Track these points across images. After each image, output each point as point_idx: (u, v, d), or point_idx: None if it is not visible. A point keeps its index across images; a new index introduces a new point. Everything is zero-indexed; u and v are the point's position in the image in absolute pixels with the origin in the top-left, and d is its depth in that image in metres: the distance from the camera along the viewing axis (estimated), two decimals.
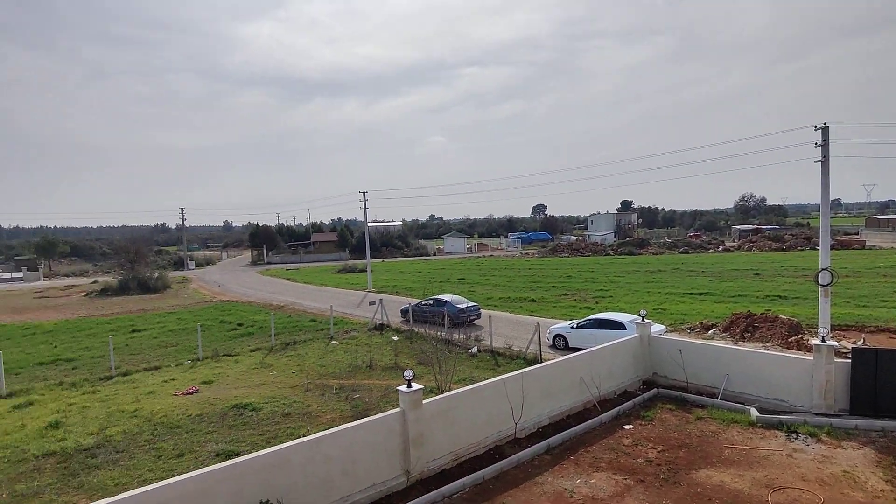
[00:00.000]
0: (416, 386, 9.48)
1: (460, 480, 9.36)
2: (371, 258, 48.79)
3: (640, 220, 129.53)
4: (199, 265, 76.96)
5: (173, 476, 8.08)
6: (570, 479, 9.62)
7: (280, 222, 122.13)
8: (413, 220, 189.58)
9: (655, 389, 14.12)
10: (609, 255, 68.97)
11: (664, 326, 19.89)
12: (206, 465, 9.83)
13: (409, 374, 9.60)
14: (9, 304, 41.14)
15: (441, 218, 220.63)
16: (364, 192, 45.13)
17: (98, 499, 9.03)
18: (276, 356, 20.58)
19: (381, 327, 25.34)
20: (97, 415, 14.11)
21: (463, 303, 26.42)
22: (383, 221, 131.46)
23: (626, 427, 11.93)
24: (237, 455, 10.72)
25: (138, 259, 51.48)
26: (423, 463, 9.53)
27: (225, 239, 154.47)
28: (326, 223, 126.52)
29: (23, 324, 31.29)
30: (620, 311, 23.60)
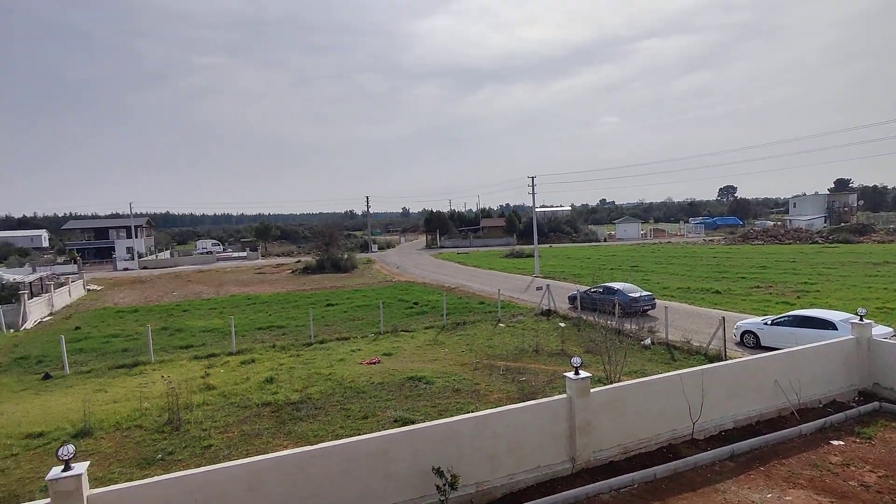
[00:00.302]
0: (583, 373, 9.29)
1: (629, 475, 8.97)
2: (538, 243, 48.61)
3: (861, 203, 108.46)
4: (380, 248, 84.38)
5: (360, 435, 9.09)
6: (759, 491, 8.60)
7: (452, 208, 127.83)
8: (582, 204, 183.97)
9: (876, 403, 11.86)
10: (817, 242, 59.24)
11: (892, 329, 16.55)
12: (387, 429, 10.86)
13: (576, 361, 9.43)
14: (237, 278, 49.70)
15: (612, 202, 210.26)
16: (532, 178, 45.02)
17: (302, 445, 10.54)
18: (448, 335, 21.74)
19: (547, 313, 25.21)
20: (300, 375, 16.40)
21: (636, 291, 25.01)
22: (551, 206, 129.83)
23: (835, 443, 10.25)
24: (413, 423, 11.61)
25: (332, 242, 58.29)
26: (588, 452, 9.34)
27: (403, 224, 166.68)
28: (495, 209, 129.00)
29: (246, 295, 37.59)
30: (829, 308, 20.22)
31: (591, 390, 9.42)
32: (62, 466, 6.25)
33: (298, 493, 7.37)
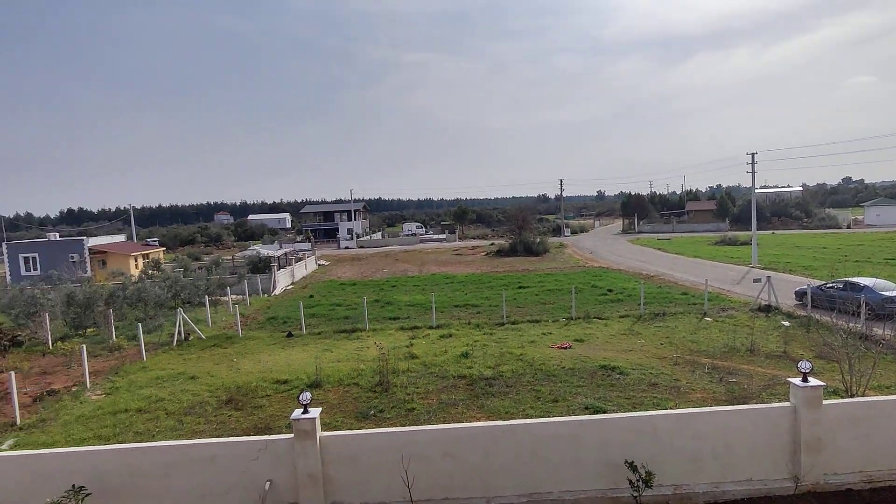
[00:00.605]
0: (814, 381, 7.93)
1: None
2: (757, 229, 42.60)
3: None
4: (573, 232, 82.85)
5: (549, 417, 9.15)
6: None
7: (652, 191, 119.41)
8: (818, 184, 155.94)
9: None
10: None
11: None
12: (577, 415, 10.74)
13: (805, 365, 8.10)
14: (436, 259, 53.50)
15: (861, 181, 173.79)
16: (752, 154, 39.49)
17: (494, 419, 11.01)
18: (645, 325, 20.49)
19: (766, 309, 22.08)
20: (493, 353, 17.05)
21: (891, 289, 20.46)
22: (775, 187, 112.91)
23: None
24: (604, 412, 11.28)
25: (524, 226, 59.07)
26: (817, 473, 7.99)
27: (597, 208, 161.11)
28: (703, 191, 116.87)
29: (445, 274, 40.26)
30: None
31: (824, 402, 8.02)
32: (302, 409, 7.52)
33: (490, 464, 7.72)
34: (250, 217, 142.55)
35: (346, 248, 75.76)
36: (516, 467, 7.76)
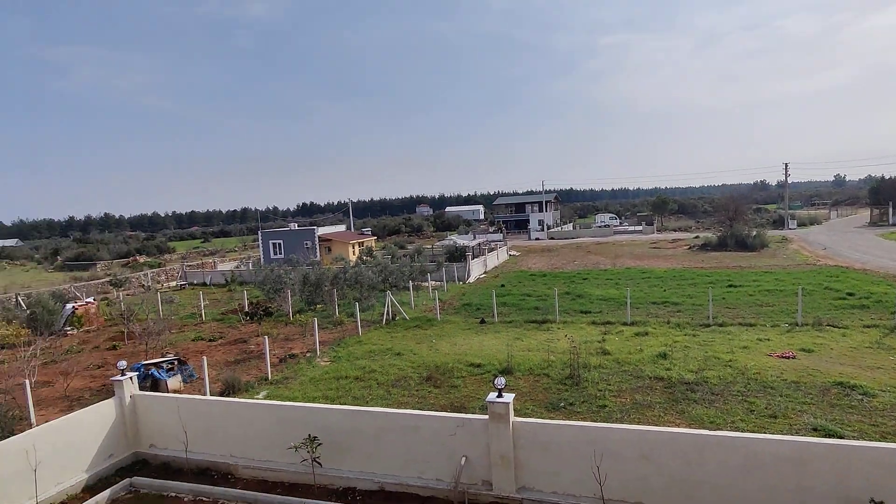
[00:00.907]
0: None
1: None
2: None
3: None
4: (801, 224, 70.86)
5: (766, 433, 8.07)
6: None
7: None
8: None
9: None
10: None
11: None
12: (802, 436, 9.29)
13: None
14: (632, 252, 50.60)
15: None
16: None
17: (696, 428, 10.12)
18: None
19: None
20: (696, 356, 15.59)
21: None
22: None
23: None
24: (839, 437, 9.60)
25: (737, 217, 52.50)
26: None
27: (835, 196, 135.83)
28: None
29: (641, 268, 37.88)
30: None
31: None
32: (496, 393, 7.85)
33: (692, 475, 7.15)
34: (447, 209, 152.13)
35: (537, 239, 76.01)
36: (723, 483, 7.06)
